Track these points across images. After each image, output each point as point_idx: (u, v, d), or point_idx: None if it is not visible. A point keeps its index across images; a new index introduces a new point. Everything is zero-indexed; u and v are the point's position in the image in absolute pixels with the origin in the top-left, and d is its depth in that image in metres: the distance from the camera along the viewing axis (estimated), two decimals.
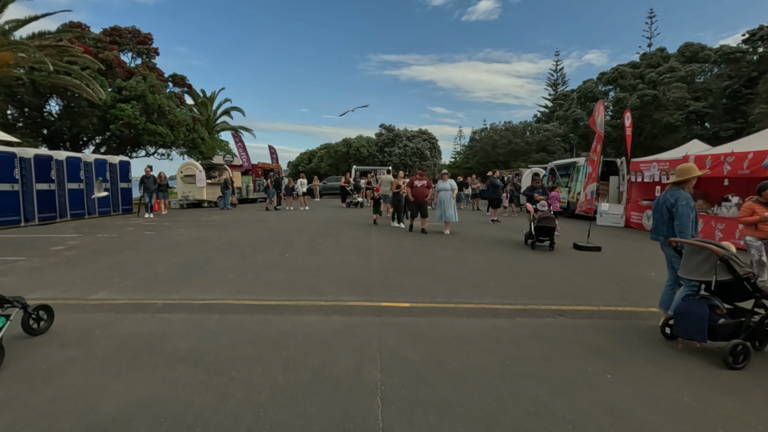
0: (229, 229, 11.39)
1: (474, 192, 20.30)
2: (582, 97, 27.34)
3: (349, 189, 20.34)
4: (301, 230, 11.38)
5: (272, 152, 29.21)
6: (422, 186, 10.72)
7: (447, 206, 10.68)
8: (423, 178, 10.92)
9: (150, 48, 25.51)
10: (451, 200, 10.72)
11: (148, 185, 14.54)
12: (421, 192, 10.69)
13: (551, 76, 53.17)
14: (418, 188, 10.68)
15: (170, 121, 21.94)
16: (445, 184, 10.81)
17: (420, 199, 10.70)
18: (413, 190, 10.71)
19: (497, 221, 14.06)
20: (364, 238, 9.93)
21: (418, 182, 10.76)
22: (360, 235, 10.59)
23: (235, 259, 7.39)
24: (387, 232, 11.08)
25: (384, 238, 9.93)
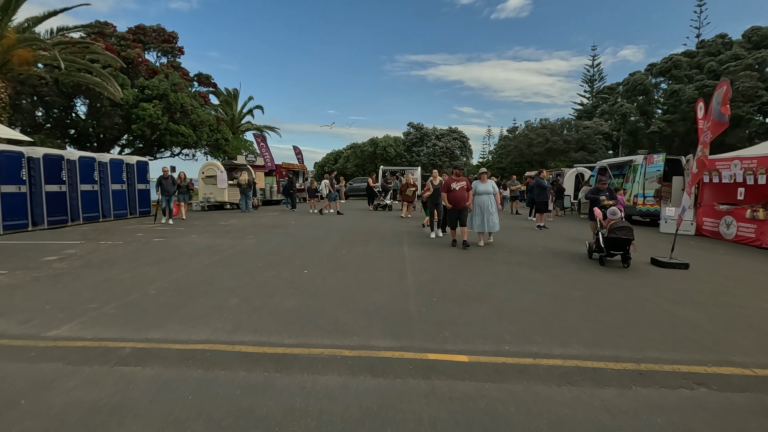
0: (245, 236, 10.27)
1: (513, 194, 18.59)
2: (630, 91, 24.99)
3: (376, 190, 19.03)
4: (324, 238, 10.12)
5: (297, 152, 28.31)
6: (461, 189, 8.69)
7: (489, 212, 8.94)
8: (461, 178, 8.89)
9: (174, 47, 25.06)
10: (493, 205, 9.01)
11: (166, 187, 13.22)
12: (460, 197, 8.66)
13: (587, 72, 50.35)
14: (457, 192, 8.62)
15: (193, 121, 21.29)
16: (486, 185, 9.12)
17: (459, 205, 8.71)
18: (450, 194, 8.70)
19: (544, 227, 12.40)
20: (396, 248, 8.57)
21: (456, 184, 8.72)
22: (390, 244, 9.23)
23: (243, 275, 6.17)
24: (421, 242, 9.68)
25: (419, 250, 8.54)
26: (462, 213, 8.75)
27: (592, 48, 73.00)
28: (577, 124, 34.44)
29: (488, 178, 9.37)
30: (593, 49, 55.77)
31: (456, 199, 8.68)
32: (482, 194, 9.02)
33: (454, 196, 8.69)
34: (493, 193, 9.06)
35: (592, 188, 8.71)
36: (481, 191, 9.05)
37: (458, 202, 8.67)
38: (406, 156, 34.93)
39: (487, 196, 9.02)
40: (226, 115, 30.21)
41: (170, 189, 13.40)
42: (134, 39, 23.15)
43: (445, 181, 9.10)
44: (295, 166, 26.27)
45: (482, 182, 9.17)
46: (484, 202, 9.00)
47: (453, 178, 8.91)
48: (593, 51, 54.07)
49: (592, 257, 7.84)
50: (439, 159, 34.49)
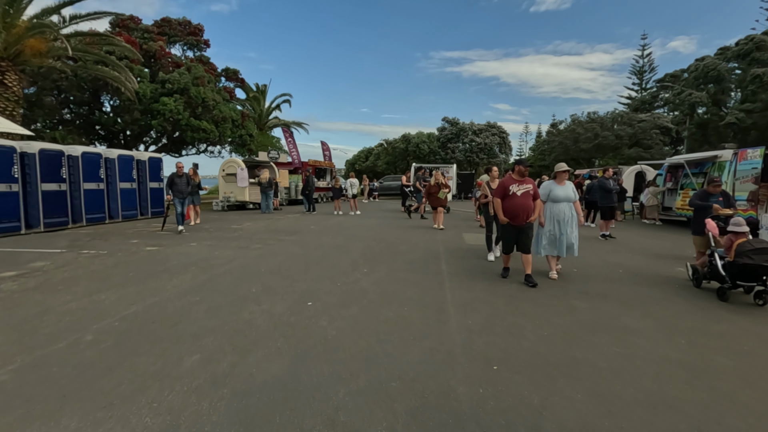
0: (252, 245, 8.75)
1: None
2: (700, 77, 21.87)
3: (408, 190, 17.21)
4: (343, 249, 8.43)
5: (325, 148, 26.88)
6: (525, 195, 5.76)
7: (567, 228, 6.03)
8: (525, 180, 5.90)
9: (200, 39, 24.20)
10: (575, 218, 6.13)
11: (180, 187, 10.57)
12: (521, 207, 5.73)
13: (636, 63, 46.52)
14: (518, 200, 5.73)
15: (215, 116, 20.22)
16: (565, 188, 6.14)
17: (519, 220, 5.77)
18: (507, 203, 5.82)
19: (610, 237, 10.19)
20: (431, 269, 6.75)
21: (517, 188, 5.79)
22: (424, 262, 7.42)
23: (224, 309, 4.55)
24: (465, 263, 7.81)
25: (462, 274, 6.67)
26: (523, 232, 5.84)
27: (642, 37, 67.19)
28: (631, 117, 31.18)
29: (566, 178, 6.27)
30: (643, 38, 51.44)
31: (515, 211, 5.75)
32: (559, 201, 6.09)
33: (513, 206, 5.76)
34: (574, 200, 6.16)
35: (698, 192, 6.43)
36: (559, 197, 6.08)
37: (518, 214, 5.74)
38: (440, 153, 32.83)
39: (567, 204, 6.08)
40: (253, 111, 29.26)
41: (185, 189, 10.82)
42: (158, 32, 22.42)
43: (499, 183, 6.15)
44: (322, 163, 24.86)
45: (559, 183, 6.17)
46: (561, 213, 6.05)
47: (513, 177, 5.94)
48: (643, 40, 49.80)
49: (701, 286, 5.73)
50: (477, 156, 32.16)
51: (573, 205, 6.19)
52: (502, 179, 6.15)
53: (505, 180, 6.04)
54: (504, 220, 5.90)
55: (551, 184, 6.26)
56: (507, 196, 5.89)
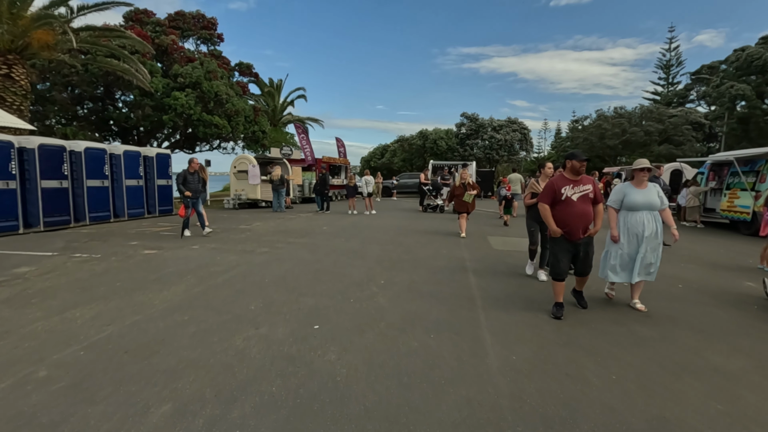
0: (258, 249, 8.02)
1: None
2: (742, 68, 20.30)
3: (426, 189, 16.32)
4: (357, 255, 7.63)
5: (339, 145, 26.15)
6: (583, 199, 4.33)
7: (650, 246, 4.55)
8: (582, 179, 4.41)
9: (214, 33, 23.68)
10: (660, 232, 4.58)
11: (193, 185, 9.23)
12: (580, 215, 4.30)
13: (662, 57, 44.32)
14: (575, 207, 4.29)
15: (227, 111, 19.66)
16: (646, 192, 4.53)
17: (575, 235, 4.32)
18: (559, 209, 4.36)
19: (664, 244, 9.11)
20: (457, 279, 5.90)
21: (572, 190, 4.32)
22: (448, 270, 6.57)
23: (214, 334, 3.80)
24: (494, 271, 6.93)
25: (494, 287, 5.81)
26: (581, 249, 4.38)
27: (670, 29, 64.52)
28: (661, 112, 29.55)
29: (647, 174, 4.56)
30: (671, 30, 48.72)
31: (570, 221, 4.28)
32: (637, 209, 4.51)
33: (567, 214, 4.28)
34: (660, 207, 4.55)
35: None
36: (637, 203, 4.48)
37: (574, 225, 4.28)
38: (459, 150, 31.74)
39: (650, 214, 4.51)
40: (267, 106, 28.73)
41: (197, 188, 9.44)
42: (171, 25, 21.99)
43: (546, 185, 4.55)
44: (337, 160, 24.12)
45: (637, 186, 4.56)
46: (640, 224, 4.48)
47: (564, 176, 4.41)
48: (670, 33, 47.22)
49: None
50: (497, 153, 30.97)
51: (659, 215, 4.58)
52: (551, 179, 4.57)
53: (556, 180, 4.42)
54: (557, 232, 4.34)
55: (626, 187, 4.63)
56: (558, 201, 4.35)
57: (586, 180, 4.43)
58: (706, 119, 29.83)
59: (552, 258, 4.55)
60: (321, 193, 15.42)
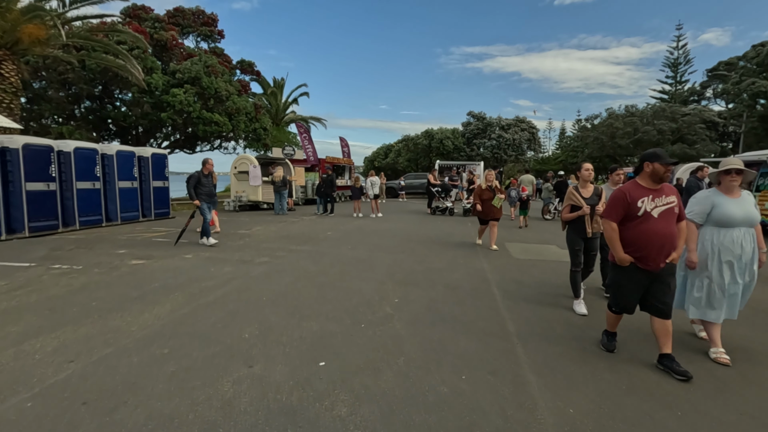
0: (258, 257, 7.34)
1: None
2: (764, 63, 19.43)
3: (435, 190, 15.59)
4: (366, 265, 6.93)
5: (344, 144, 25.46)
6: (666, 214, 3.18)
7: (743, 272, 3.45)
8: (663, 187, 3.25)
9: (214, 30, 23.06)
10: (754, 254, 3.47)
11: (208, 189, 8.41)
12: (662, 236, 3.16)
13: (670, 55, 43.58)
14: (657, 222, 3.16)
15: (228, 108, 19.01)
16: (738, 201, 3.43)
17: (657, 261, 3.18)
18: (635, 227, 3.22)
19: None
20: (481, 296, 5.19)
21: (653, 203, 3.19)
22: (469, 285, 5.86)
23: (196, 375, 3.11)
24: (521, 284, 6.22)
25: (525, 307, 5.11)
26: (660, 281, 3.25)
27: (677, 27, 63.72)
28: (674, 111, 28.71)
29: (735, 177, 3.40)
30: (678, 28, 47.51)
31: (650, 244, 3.18)
32: (733, 225, 3.41)
33: (646, 235, 3.19)
34: (755, 222, 3.47)
35: None
36: (733, 217, 3.39)
37: (655, 250, 3.18)
38: (466, 149, 30.98)
39: (746, 231, 3.43)
40: (270, 105, 28.07)
41: (213, 192, 8.67)
42: (171, 22, 21.37)
43: (615, 195, 3.35)
44: (341, 160, 23.44)
45: (728, 193, 3.47)
46: (735, 245, 3.40)
47: (640, 184, 3.29)
48: (678, 30, 46.10)
49: None
50: (505, 153, 30.17)
51: (754, 231, 3.47)
52: (622, 188, 3.33)
53: (629, 189, 3.26)
54: (625, 261, 3.25)
55: (714, 195, 3.49)
56: (632, 217, 3.22)
57: (669, 190, 3.26)
58: (720, 117, 28.98)
59: (614, 288, 3.47)
60: (326, 194, 14.69)
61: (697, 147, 27.87)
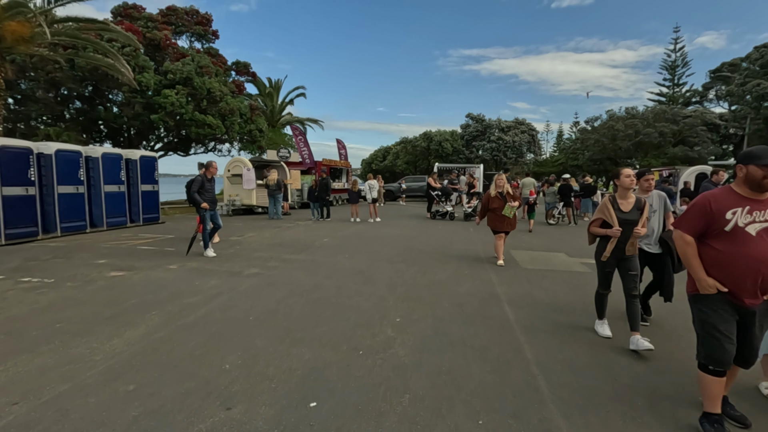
0: (249, 268, 6.83)
1: None
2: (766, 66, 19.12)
3: (435, 194, 15.12)
4: (365, 277, 6.44)
5: (341, 147, 24.97)
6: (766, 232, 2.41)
7: None
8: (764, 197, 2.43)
9: (208, 29, 22.54)
10: None
11: (211, 193, 7.74)
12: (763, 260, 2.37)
13: (668, 58, 43.26)
14: (755, 243, 2.38)
15: (222, 110, 18.49)
16: None
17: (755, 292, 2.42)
18: (721, 246, 2.47)
19: None
20: (492, 316, 4.70)
21: (749, 217, 2.41)
22: (477, 300, 5.37)
23: (164, 422, 2.60)
24: (533, 300, 5.75)
25: (542, 327, 4.63)
26: (753, 320, 2.49)
27: (675, 30, 63.44)
28: (675, 113, 28.38)
29: None
30: (676, 30, 47.12)
31: (744, 269, 2.40)
32: None
33: (740, 259, 2.41)
34: None
35: None
36: None
37: (750, 277, 2.40)
38: (465, 152, 30.56)
39: None
40: (265, 107, 27.57)
41: (215, 198, 8.02)
42: (164, 21, 20.84)
43: (697, 201, 2.60)
44: (338, 162, 22.94)
45: None
46: None
47: (735, 191, 2.51)
48: (675, 33, 45.74)
49: None
50: (504, 155, 29.76)
51: None
52: (708, 192, 2.61)
53: (715, 196, 2.54)
54: (710, 287, 2.50)
55: None
56: (717, 232, 2.49)
57: None
58: (721, 119, 28.67)
59: (703, 333, 2.56)
60: (321, 198, 14.14)
61: (698, 149, 27.53)
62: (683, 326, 4.29)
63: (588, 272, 6.87)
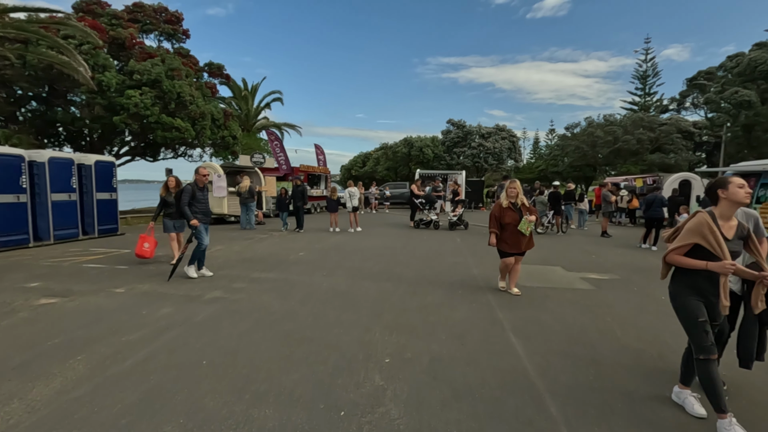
0: (210, 291, 5.90)
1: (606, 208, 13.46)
2: (745, 73, 19.38)
3: (418, 202, 14.41)
4: (347, 300, 5.60)
5: (319, 152, 24.07)
6: None
7: None
8: None
9: (178, 29, 21.35)
10: None
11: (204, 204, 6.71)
12: None
13: (639, 68, 44.73)
14: None
15: (192, 113, 17.35)
16: None
17: None
18: None
19: None
20: (501, 352, 3.95)
21: None
22: (477, 327, 4.62)
23: None
24: (557, 335, 5.04)
25: (559, 366, 3.91)
26: None
27: (645, 41, 65.09)
28: (652, 120, 28.73)
29: None
30: (646, 41, 48.60)
31: None
32: None
33: None
34: None
35: None
36: None
37: None
38: (446, 158, 30.09)
39: None
40: (240, 110, 26.41)
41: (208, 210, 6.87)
42: (130, 18, 19.59)
43: None
44: (316, 169, 22.01)
45: None
46: None
47: None
48: (646, 44, 47.09)
49: None
50: (485, 162, 29.42)
51: None
52: None
53: None
54: None
55: None
56: None
57: None
58: (695, 127, 29.19)
59: None
60: (296, 208, 13.13)
61: (674, 156, 27.90)
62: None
63: (593, 290, 6.25)
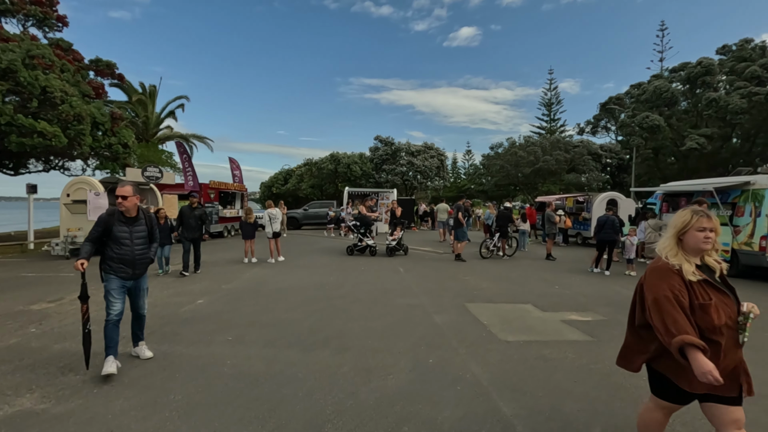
0: (18, 397, 3.41)
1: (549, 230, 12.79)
2: (652, 99, 20.88)
3: (351, 225, 12.52)
4: (262, 399, 3.50)
5: (234, 167, 21.16)
6: None
7: None
8: None
9: (49, 12, 17.44)
10: None
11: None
12: None
13: (545, 95, 49.74)
14: None
15: (63, 115, 13.78)
16: None
17: None
18: None
19: None
20: None
21: None
22: None
23: None
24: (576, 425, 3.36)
25: None
26: None
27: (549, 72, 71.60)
28: (567, 142, 30.34)
29: None
30: (550, 72, 53.72)
31: None
32: None
33: None
34: None
35: None
36: None
37: None
38: (374, 176, 28.74)
39: None
40: (137, 117, 22.55)
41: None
42: None
43: None
44: (230, 186, 19.13)
45: None
46: None
47: None
48: (550, 75, 52.13)
49: None
50: (415, 180, 28.58)
51: None
52: None
53: None
54: None
55: None
56: None
57: None
58: (602, 150, 31.44)
59: None
60: (193, 240, 9.27)
61: (586, 176, 29.62)
62: None
63: (590, 342, 4.86)
